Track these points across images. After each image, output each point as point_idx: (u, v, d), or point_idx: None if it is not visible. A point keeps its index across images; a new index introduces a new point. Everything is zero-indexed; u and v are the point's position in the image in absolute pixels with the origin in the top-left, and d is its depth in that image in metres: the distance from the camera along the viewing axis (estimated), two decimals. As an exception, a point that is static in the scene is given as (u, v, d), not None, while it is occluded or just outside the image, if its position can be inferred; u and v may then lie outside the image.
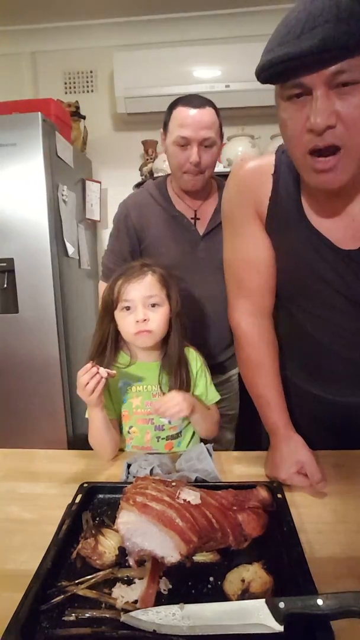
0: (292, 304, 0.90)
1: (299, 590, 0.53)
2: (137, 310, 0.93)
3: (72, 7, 2.28)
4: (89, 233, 2.39)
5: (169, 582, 0.57)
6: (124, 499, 0.63)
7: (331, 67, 0.55)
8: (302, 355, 0.96)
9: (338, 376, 0.92)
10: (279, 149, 0.82)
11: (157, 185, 1.35)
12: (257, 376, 0.90)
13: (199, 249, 1.29)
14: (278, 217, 0.81)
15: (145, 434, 1.00)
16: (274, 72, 0.59)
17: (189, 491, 0.64)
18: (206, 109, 1.18)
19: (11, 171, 1.77)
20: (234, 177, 0.86)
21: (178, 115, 1.19)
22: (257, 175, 0.82)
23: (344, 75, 0.55)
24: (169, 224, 1.29)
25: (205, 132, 1.17)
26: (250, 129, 2.15)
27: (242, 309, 0.91)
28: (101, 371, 0.87)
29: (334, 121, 0.58)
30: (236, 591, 0.54)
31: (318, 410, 0.95)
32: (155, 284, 0.95)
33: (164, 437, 1.01)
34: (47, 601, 0.54)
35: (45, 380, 1.90)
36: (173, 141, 1.20)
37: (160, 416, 0.93)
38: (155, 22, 2.39)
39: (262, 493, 0.69)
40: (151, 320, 0.93)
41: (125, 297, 0.93)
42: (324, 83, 0.57)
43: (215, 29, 2.36)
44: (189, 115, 1.17)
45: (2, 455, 1.00)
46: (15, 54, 2.51)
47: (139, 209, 1.32)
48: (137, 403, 1.00)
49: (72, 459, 0.98)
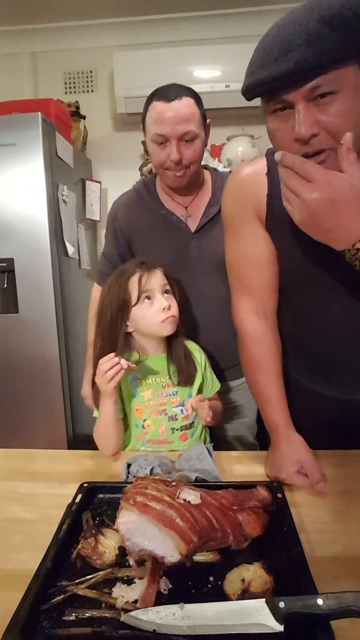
0: (296, 297, 0.91)
1: (299, 590, 0.53)
2: (157, 298, 1.00)
3: (72, 7, 2.27)
4: (89, 233, 2.39)
5: (169, 582, 0.57)
6: (124, 498, 0.63)
7: (307, 85, 0.61)
8: (305, 353, 0.96)
9: (340, 372, 0.93)
10: (268, 151, 0.86)
11: (145, 184, 1.30)
12: (258, 374, 0.91)
13: (191, 247, 1.23)
14: (277, 212, 0.83)
15: (159, 426, 1.02)
16: (258, 92, 0.66)
17: (189, 491, 0.64)
18: (183, 100, 1.08)
19: (11, 171, 1.77)
20: (230, 185, 0.91)
21: (153, 110, 1.10)
22: (252, 178, 0.86)
23: (319, 89, 0.61)
24: (157, 223, 1.24)
25: (183, 127, 1.08)
26: (250, 129, 2.15)
27: (246, 308, 0.92)
28: (122, 362, 0.90)
29: (317, 130, 0.63)
30: (236, 591, 0.54)
31: (320, 408, 0.96)
32: (163, 277, 1.03)
33: (178, 428, 1.03)
34: (47, 601, 0.54)
35: (45, 380, 1.90)
36: (151, 139, 1.13)
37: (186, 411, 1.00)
38: (155, 22, 2.39)
39: (262, 493, 0.69)
40: (172, 307, 1.01)
41: (145, 288, 0.99)
42: (303, 97, 0.62)
43: (215, 29, 2.36)
44: (164, 111, 1.08)
45: (2, 455, 1.00)
46: (15, 54, 2.50)
47: (126, 209, 1.28)
48: (149, 396, 1.03)
49: (72, 459, 0.99)
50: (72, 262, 2.08)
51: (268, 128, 0.71)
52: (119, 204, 1.32)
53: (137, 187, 1.32)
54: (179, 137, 1.10)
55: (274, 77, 0.61)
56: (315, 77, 0.60)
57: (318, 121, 0.63)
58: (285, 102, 0.64)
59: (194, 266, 1.23)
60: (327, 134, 0.64)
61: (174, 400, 1.04)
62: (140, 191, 1.29)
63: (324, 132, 0.64)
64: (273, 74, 0.61)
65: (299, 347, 0.97)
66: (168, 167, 1.14)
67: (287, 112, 0.65)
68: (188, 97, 1.10)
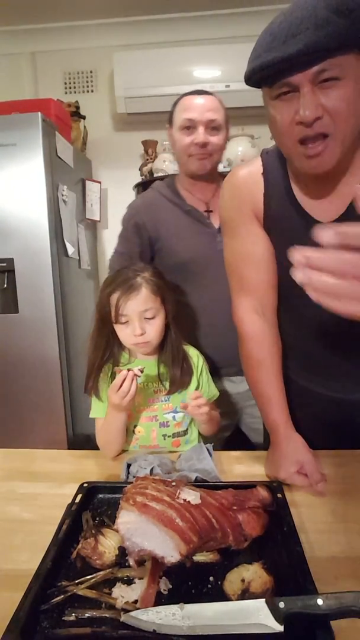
0: (293, 297, 0.90)
1: (299, 590, 0.53)
2: (133, 324, 0.95)
3: (72, 7, 2.28)
4: (89, 233, 2.39)
5: (169, 582, 0.57)
6: (124, 499, 0.63)
7: (314, 67, 0.63)
8: (303, 353, 0.96)
9: (338, 372, 0.92)
10: (263, 151, 0.88)
11: (166, 184, 1.35)
12: (258, 373, 0.91)
13: (217, 242, 1.23)
14: (274, 210, 0.85)
15: (150, 432, 1.01)
16: (264, 75, 0.67)
17: (189, 491, 0.64)
18: (210, 96, 1.22)
19: (11, 171, 1.77)
20: (227, 186, 0.91)
21: (183, 103, 1.23)
22: (248, 178, 0.87)
23: (325, 73, 0.63)
24: (182, 219, 1.28)
25: (211, 114, 1.19)
26: (250, 129, 2.15)
27: (245, 307, 0.92)
28: (135, 370, 0.89)
29: (320, 113, 0.65)
30: (236, 591, 0.54)
31: (319, 409, 0.95)
32: (149, 297, 0.97)
33: (170, 435, 1.02)
34: (47, 601, 0.54)
35: (45, 380, 1.90)
36: (179, 126, 1.22)
37: (182, 409, 0.95)
38: (155, 22, 2.39)
39: (262, 493, 0.69)
40: (147, 333, 0.97)
41: (121, 312, 0.95)
42: (309, 81, 0.64)
43: (215, 29, 2.36)
44: (193, 102, 1.21)
45: (2, 455, 1.00)
46: (15, 54, 2.50)
47: (149, 208, 1.32)
48: (140, 401, 1.01)
49: (72, 459, 0.99)
50: (72, 262, 2.08)
51: (269, 114, 0.72)
52: (139, 203, 1.37)
53: (156, 187, 1.36)
54: (206, 124, 1.20)
55: (283, 57, 0.62)
56: (322, 60, 0.62)
57: (321, 105, 0.65)
58: (290, 85, 0.65)
59: (219, 260, 1.20)
60: (330, 117, 0.66)
61: (166, 407, 1.02)
62: (162, 190, 1.34)
63: (327, 116, 0.65)
64: (282, 54, 0.62)
65: (295, 347, 0.96)
66: (192, 153, 1.22)
67: (291, 96, 0.67)
68: (214, 96, 1.24)
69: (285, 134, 0.71)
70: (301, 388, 0.97)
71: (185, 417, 1.03)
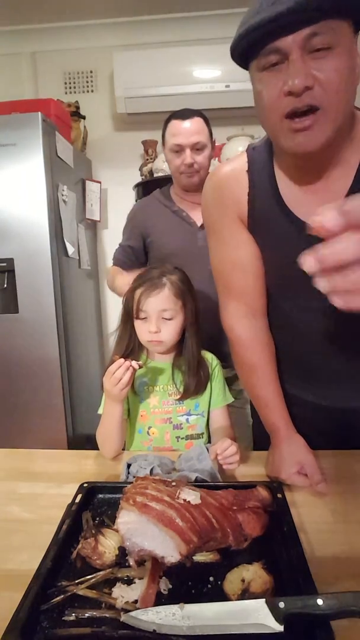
0: (284, 300, 0.88)
1: (299, 590, 0.53)
2: (151, 321, 0.98)
3: (72, 7, 2.28)
4: (89, 233, 2.39)
5: (169, 582, 0.57)
6: (124, 498, 0.63)
7: (305, 30, 0.58)
8: (296, 362, 0.93)
9: (331, 380, 0.90)
10: (249, 146, 0.82)
11: (161, 191, 1.60)
12: (253, 377, 0.90)
13: (198, 238, 1.43)
14: (258, 211, 0.80)
15: (164, 434, 1.02)
16: (251, 41, 0.62)
17: (189, 491, 0.64)
18: (195, 119, 1.39)
19: (11, 171, 1.77)
20: (209, 184, 0.86)
21: (171, 127, 1.42)
22: (232, 177, 0.82)
23: (317, 37, 0.58)
24: (169, 217, 1.50)
25: (195, 137, 1.38)
26: (250, 129, 2.15)
27: (234, 312, 0.90)
28: (133, 363, 0.90)
29: (311, 82, 0.60)
30: (236, 591, 0.54)
31: (315, 418, 0.93)
32: (170, 298, 0.99)
33: (183, 437, 1.03)
34: (47, 601, 0.54)
35: (45, 380, 1.90)
36: (169, 149, 1.44)
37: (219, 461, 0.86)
38: (155, 22, 2.39)
39: (262, 493, 0.69)
40: (162, 332, 0.98)
41: (142, 307, 0.98)
42: (299, 47, 0.59)
43: (215, 29, 2.36)
44: (180, 127, 1.39)
45: (2, 455, 1.00)
46: (15, 54, 2.51)
47: (144, 209, 1.58)
48: (155, 403, 1.03)
49: (72, 459, 0.99)
50: (72, 262, 2.08)
51: (255, 89, 0.67)
52: (138, 205, 1.64)
53: (154, 194, 1.62)
54: (192, 146, 1.39)
55: (271, 17, 0.57)
56: (314, 22, 0.57)
57: (313, 75, 0.60)
58: (279, 51, 0.60)
59: (201, 255, 1.24)
60: (321, 89, 0.60)
61: (180, 409, 1.03)
62: (157, 196, 1.58)
63: (318, 87, 0.60)
64: (270, 14, 0.57)
65: (289, 358, 0.93)
66: (182, 171, 1.43)
67: (279, 67, 0.62)
68: (199, 117, 1.41)
69: (271, 107, 0.64)
70: (296, 398, 0.93)
71: (200, 420, 1.04)
